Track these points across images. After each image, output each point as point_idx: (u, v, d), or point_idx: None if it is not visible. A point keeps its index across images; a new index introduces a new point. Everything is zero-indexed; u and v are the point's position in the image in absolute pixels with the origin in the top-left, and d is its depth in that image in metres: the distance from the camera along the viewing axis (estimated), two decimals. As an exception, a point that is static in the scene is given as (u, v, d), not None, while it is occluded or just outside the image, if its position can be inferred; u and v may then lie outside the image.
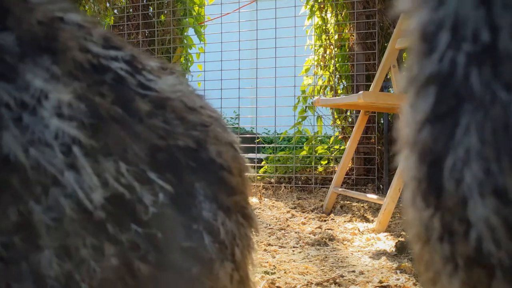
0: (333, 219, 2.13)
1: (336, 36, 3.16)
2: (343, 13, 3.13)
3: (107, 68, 0.38)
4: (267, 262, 1.44)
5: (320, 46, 3.24)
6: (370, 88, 2.45)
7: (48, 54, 0.35)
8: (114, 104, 0.37)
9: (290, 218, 2.17)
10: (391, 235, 1.80)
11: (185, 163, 0.41)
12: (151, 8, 3.65)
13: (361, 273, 1.35)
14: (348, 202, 2.54)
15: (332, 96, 3.08)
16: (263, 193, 2.88)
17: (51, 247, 0.31)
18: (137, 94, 0.39)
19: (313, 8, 3.23)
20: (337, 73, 3.16)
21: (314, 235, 1.81)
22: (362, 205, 2.45)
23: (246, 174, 0.50)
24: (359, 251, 1.62)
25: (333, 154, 3.19)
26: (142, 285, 0.34)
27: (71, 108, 0.34)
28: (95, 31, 0.40)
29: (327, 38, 3.22)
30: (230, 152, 0.47)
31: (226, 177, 0.45)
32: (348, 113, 3.16)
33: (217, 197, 0.43)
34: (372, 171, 2.97)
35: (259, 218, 2.15)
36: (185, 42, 3.64)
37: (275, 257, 1.52)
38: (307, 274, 1.33)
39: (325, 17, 3.22)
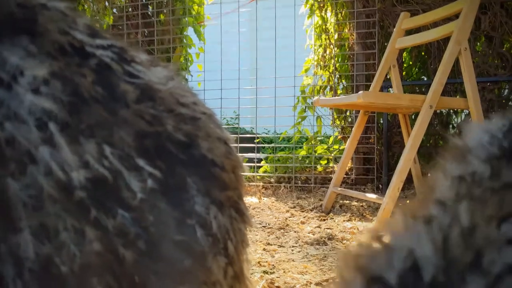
0: (332, 219, 2.13)
1: (336, 36, 3.15)
2: (343, 12, 3.13)
3: (91, 54, 0.38)
4: (266, 261, 1.44)
5: (320, 45, 3.23)
6: (370, 88, 2.45)
7: (27, 35, 0.35)
8: (96, 85, 0.36)
9: (289, 217, 2.16)
10: (391, 234, 1.80)
11: (176, 155, 0.40)
12: (151, 8, 3.64)
13: (360, 272, 1.34)
14: (348, 201, 2.54)
15: (332, 96, 3.07)
16: (262, 192, 2.88)
17: (29, 227, 0.30)
18: (123, 80, 0.39)
19: (313, 8, 3.22)
20: (336, 73, 3.16)
21: (314, 235, 1.80)
22: (361, 204, 2.45)
23: (240, 171, 0.50)
24: (358, 250, 1.61)
25: (332, 154, 3.18)
26: (130, 274, 0.34)
27: (47, 84, 0.33)
28: (80, 20, 0.40)
29: (326, 37, 3.21)
30: (222, 149, 0.47)
31: (218, 172, 0.45)
32: (348, 113, 3.16)
33: (210, 191, 0.43)
34: (371, 170, 2.97)
35: (258, 217, 2.15)
36: (185, 41, 3.64)
37: (274, 256, 1.52)
38: (306, 274, 1.33)
39: (325, 17, 3.22)
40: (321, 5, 3.21)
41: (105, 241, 0.33)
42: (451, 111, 2.94)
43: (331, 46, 3.20)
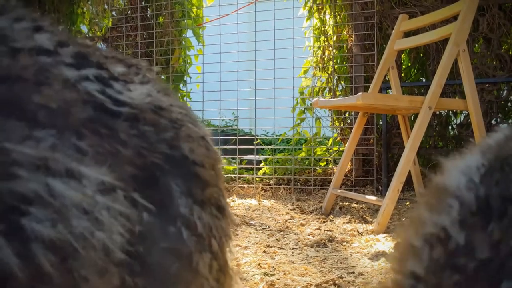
0: (332, 221, 2.13)
1: (335, 38, 3.16)
2: (342, 14, 3.13)
3: (81, 90, 0.38)
4: (267, 263, 1.44)
5: (319, 47, 3.24)
6: (369, 89, 2.45)
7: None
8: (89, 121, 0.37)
9: (289, 219, 2.16)
10: (390, 236, 1.80)
11: (161, 168, 0.41)
12: (150, 10, 3.65)
13: (360, 274, 1.35)
14: (347, 203, 2.54)
15: (331, 98, 3.08)
16: (262, 194, 2.87)
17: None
18: (109, 113, 0.39)
19: (312, 10, 3.23)
20: (335, 74, 3.16)
21: (313, 237, 1.80)
22: (361, 206, 2.45)
23: (219, 166, 0.51)
24: (358, 252, 1.61)
25: (332, 156, 3.19)
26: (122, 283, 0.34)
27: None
28: (65, 51, 0.39)
29: (325, 39, 3.22)
30: (202, 147, 0.48)
31: (199, 171, 0.46)
32: (347, 115, 3.16)
33: (192, 191, 0.44)
34: (370, 172, 2.97)
35: (258, 219, 2.15)
36: (184, 44, 3.64)
37: (274, 258, 1.51)
38: (306, 276, 1.33)
39: (324, 19, 3.22)
40: (320, 7, 3.21)
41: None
42: (450, 112, 2.94)
43: (330, 48, 3.21)
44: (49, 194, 0.30)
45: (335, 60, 3.16)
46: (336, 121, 3.21)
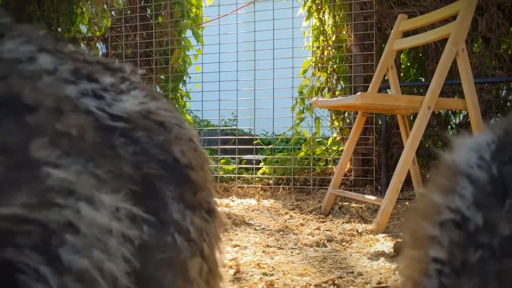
0: (332, 220, 2.13)
1: (334, 37, 3.16)
2: (341, 14, 3.13)
3: (84, 111, 0.38)
4: (266, 263, 1.44)
5: (318, 47, 3.24)
6: (368, 89, 2.45)
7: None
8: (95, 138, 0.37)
9: (288, 219, 2.17)
10: (390, 236, 1.80)
11: (156, 175, 0.41)
12: (149, 10, 3.65)
13: (360, 274, 1.35)
14: (347, 203, 2.54)
15: (330, 97, 3.08)
16: (261, 194, 2.88)
17: None
18: (107, 130, 0.39)
19: (311, 9, 3.23)
20: (334, 74, 3.17)
21: (313, 236, 1.81)
22: (360, 206, 2.45)
23: (207, 166, 0.51)
24: (357, 252, 1.61)
25: (331, 156, 3.19)
26: None
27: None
28: (62, 68, 0.39)
29: (324, 39, 3.22)
30: (191, 148, 0.47)
31: (190, 174, 0.46)
32: (346, 114, 3.16)
33: (184, 196, 0.43)
34: (370, 172, 2.97)
35: (257, 219, 2.15)
36: (183, 44, 3.64)
37: (273, 258, 1.52)
38: (305, 276, 1.33)
39: (323, 18, 3.23)
40: (319, 7, 3.21)
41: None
42: (450, 112, 2.95)
43: (329, 48, 3.21)
44: (79, 221, 0.30)
45: (334, 60, 3.17)
46: (336, 121, 3.21)
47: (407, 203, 2.46)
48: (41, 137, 0.32)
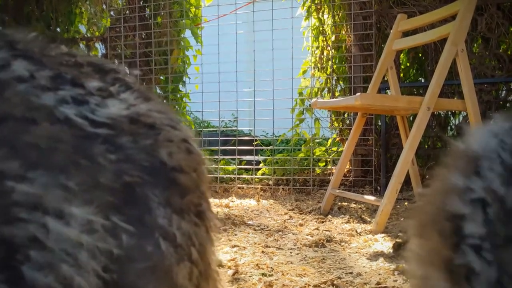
0: (331, 221, 2.12)
1: (333, 38, 3.16)
2: (340, 14, 3.13)
3: (62, 119, 0.37)
4: (265, 264, 1.43)
5: (317, 47, 3.24)
6: (368, 90, 2.45)
7: None
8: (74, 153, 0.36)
9: (288, 219, 2.16)
10: (389, 236, 1.80)
11: (139, 181, 0.40)
12: (148, 10, 3.64)
13: (359, 274, 1.34)
14: (346, 203, 2.54)
15: (330, 98, 3.08)
16: (261, 195, 2.87)
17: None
18: (88, 138, 0.38)
19: (310, 9, 3.23)
20: (334, 75, 3.16)
21: (312, 237, 1.80)
22: (359, 206, 2.45)
23: (202, 167, 0.49)
24: (356, 252, 1.61)
25: (330, 156, 3.18)
26: None
27: None
28: (41, 74, 0.38)
29: (324, 39, 3.22)
30: (182, 150, 0.46)
31: (178, 178, 0.44)
32: (346, 115, 3.16)
33: (170, 200, 0.42)
34: (369, 172, 2.97)
35: (257, 220, 2.14)
36: (182, 44, 3.63)
37: (272, 259, 1.51)
38: (304, 276, 1.33)
39: (322, 18, 3.22)
40: (318, 7, 3.21)
41: None
42: (449, 112, 2.94)
43: (328, 48, 3.21)
44: (46, 236, 0.29)
45: (333, 60, 3.16)
46: (335, 122, 3.21)
47: (406, 203, 2.45)
48: (5, 149, 0.31)
